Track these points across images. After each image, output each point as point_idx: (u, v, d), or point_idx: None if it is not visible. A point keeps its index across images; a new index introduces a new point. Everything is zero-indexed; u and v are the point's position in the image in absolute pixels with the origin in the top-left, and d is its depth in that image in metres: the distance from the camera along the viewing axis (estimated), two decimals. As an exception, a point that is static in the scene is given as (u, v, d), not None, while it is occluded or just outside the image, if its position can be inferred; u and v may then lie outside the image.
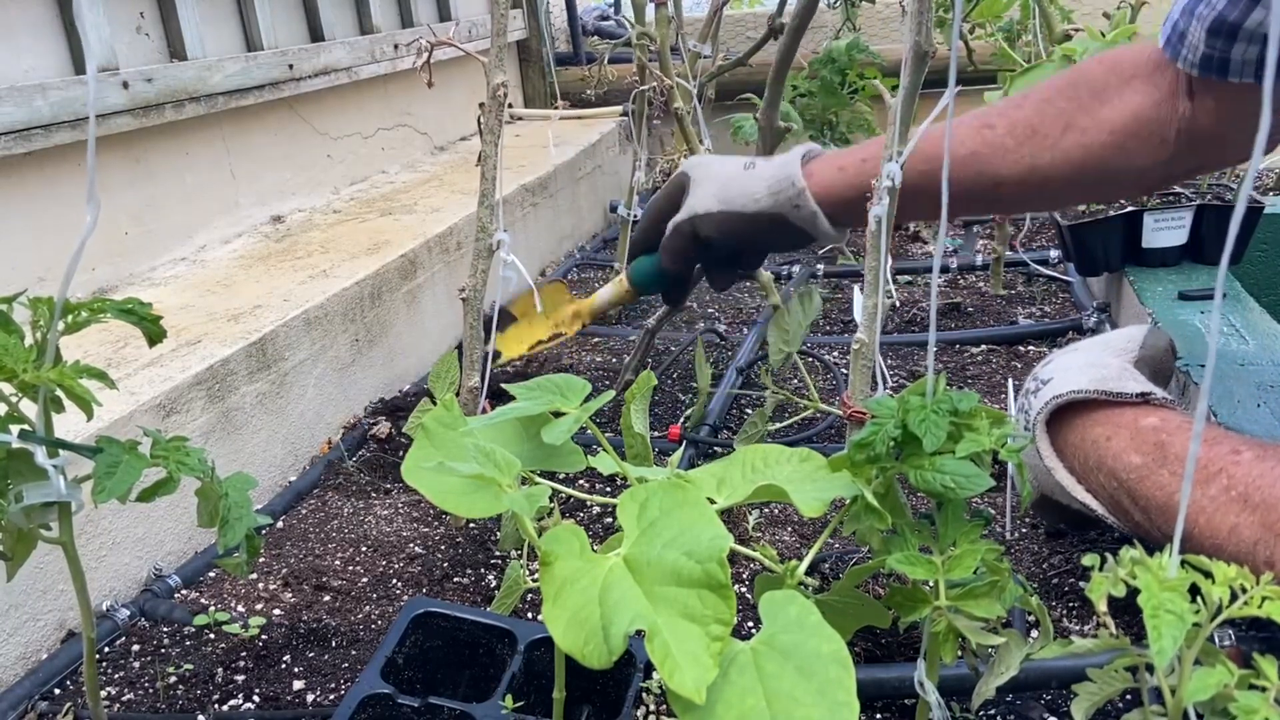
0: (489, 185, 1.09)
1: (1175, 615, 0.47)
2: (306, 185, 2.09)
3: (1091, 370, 0.96)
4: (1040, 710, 0.88)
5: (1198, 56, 0.93)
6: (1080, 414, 0.94)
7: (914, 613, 0.62)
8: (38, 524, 0.66)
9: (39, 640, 1.04)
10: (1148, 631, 0.47)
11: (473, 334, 1.15)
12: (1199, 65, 0.93)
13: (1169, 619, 0.46)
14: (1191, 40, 0.93)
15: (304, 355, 1.45)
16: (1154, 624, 0.47)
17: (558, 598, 0.56)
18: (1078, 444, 0.94)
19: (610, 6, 4.09)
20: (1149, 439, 0.88)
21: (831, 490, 0.65)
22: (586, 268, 2.37)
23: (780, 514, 1.22)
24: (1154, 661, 0.46)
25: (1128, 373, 0.97)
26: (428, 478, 0.69)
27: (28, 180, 1.44)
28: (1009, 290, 1.97)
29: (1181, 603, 0.47)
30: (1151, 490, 0.86)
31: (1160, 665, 0.47)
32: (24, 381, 0.61)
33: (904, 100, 0.77)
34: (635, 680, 0.79)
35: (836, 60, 2.12)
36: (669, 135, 3.16)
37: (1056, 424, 0.96)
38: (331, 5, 2.17)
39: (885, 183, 0.75)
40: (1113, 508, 0.91)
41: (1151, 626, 0.47)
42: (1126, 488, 0.88)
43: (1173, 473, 0.85)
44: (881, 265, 0.79)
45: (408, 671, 0.84)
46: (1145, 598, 0.48)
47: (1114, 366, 0.98)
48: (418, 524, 1.27)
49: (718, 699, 0.53)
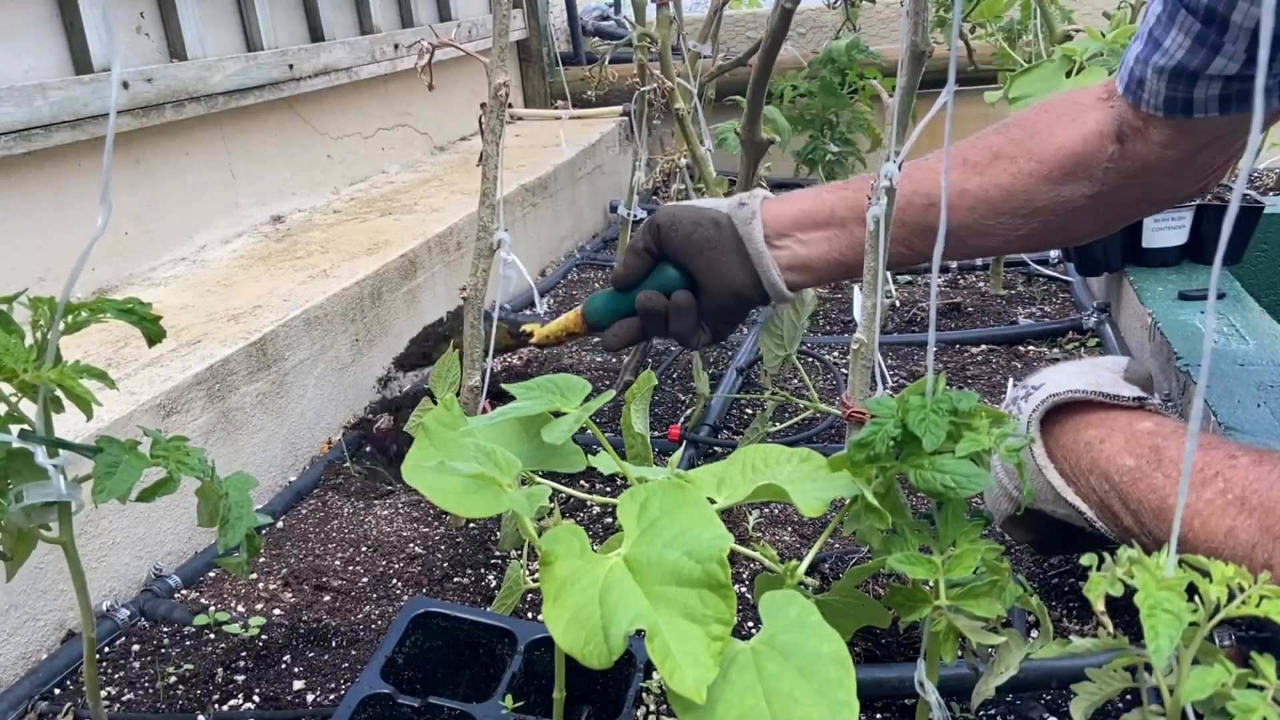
0: (490, 185, 1.09)
1: (1172, 614, 0.46)
2: (306, 185, 2.09)
3: (1085, 375, 0.97)
4: (1040, 710, 0.88)
5: (1160, 100, 0.98)
6: (1074, 416, 0.94)
7: (914, 612, 0.62)
8: (38, 524, 0.66)
9: (39, 640, 1.04)
10: (1145, 631, 0.47)
11: (473, 334, 1.15)
12: (1163, 108, 0.98)
13: (1166, 618, 0.46)
14: (1151, 86, 0.98)
15: (304, 355, 1.45)
16: (1151, 623, 0.47)
17: (558, 598, 0.56)
18: (1070, 445, 0.94)
19: (610, 6, 4.09)
20: (1144, 442, 0.88)
21: (831, 490, 0.65)
22: (586, 268, 2.37)
23: (780, 514, 1.22)
24: (1151, 661, 0.46)
25: (1121, 382, 0.97)
26: (428, 477, 0.69)
27: (28, 180, 1.44)
28: (1009, 290, 1.97)
29: (1179, 602, 0.47)
30: (1144, 493, 0.87)
31: (1158, 665, 0.47)
32: (24, 381, 0.61)
33: (901, 100, 0.77)
34: (635, 680, 0.79)
35: (836, 60, 2.12)
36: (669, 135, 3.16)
37: (1049, 426, 0.96)
38: (331, 5, 2.17)
39: (883, 183, 0.75)
40: (1101, 512, 0.90)
41: (1149, 626, 0.47)
42: (1119, 490, 0.88)
43: (1167, 475, 0.85)
44: (880, 265, 0.79)
45: (408, 671, 0.84)
46: (1142, 597, 0.48)
47: (1107, 376, 0.98)
48: (418, 524, 1.27)
49: (718, 699, 0.53)
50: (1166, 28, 0.96)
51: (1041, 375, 1.01)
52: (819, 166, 2.17)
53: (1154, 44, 0.98)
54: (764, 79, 1.03)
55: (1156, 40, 0.98)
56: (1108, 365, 1.03)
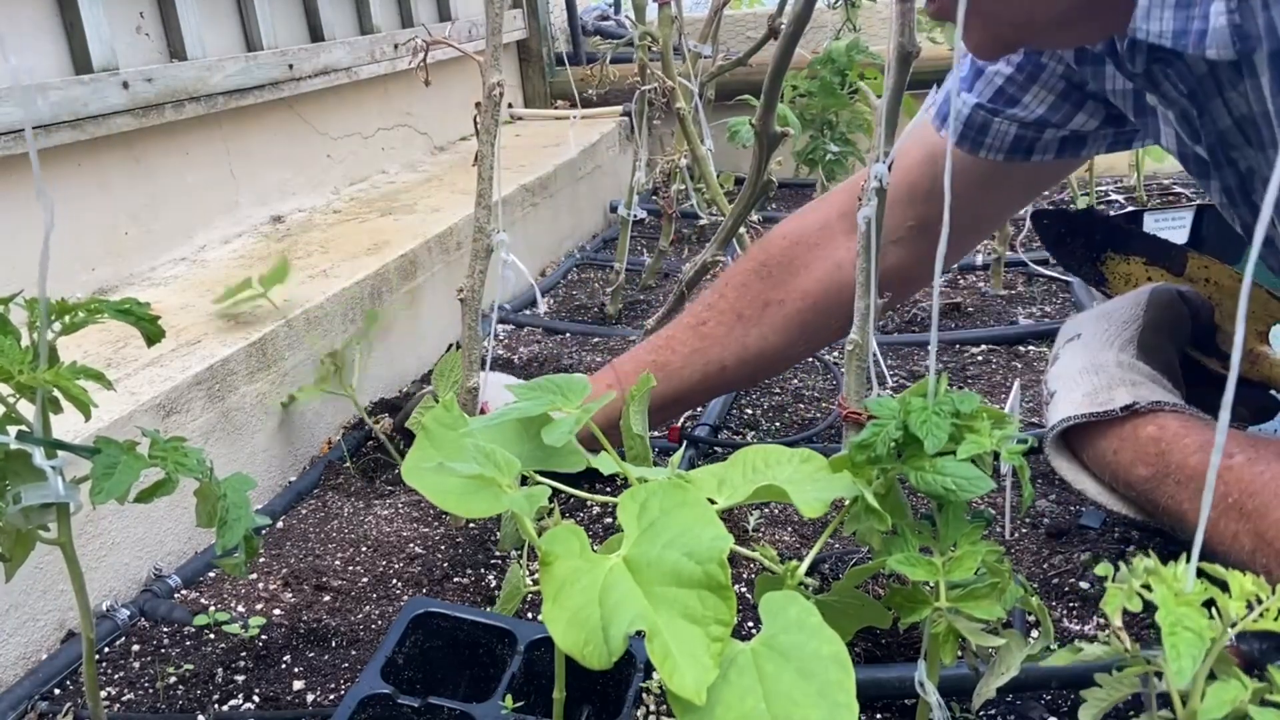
0: (486, 185, 1.08)
1: (1194, 633, 0.45)
2: (306, 185, 2.09)
3: (1085, 381, 0.98)
4: (1040, 710, 0.88)
5: (1006, 143, 1.08)
6: (1086, 430, 0.96)
7: (914, 614, 0.62)
8: (36, 525, 0.66)
9: (39, 640, 1.04)
10: (1165, 649, 0.46)
11: (471, 334, 1.14)
12: (1006, 150, 1.08)
13: (1188, 637, 0.45)
14: (999, 129, 1.07)
15: (304, 355, 1.45)
16: (1172, 641, 0.46)
17: (558, 598, 0.56)
18: (1095, 458, 0.97)
19: (610, 6, 4.09)
20: (1150, 450, 0.90)
21: (832, 491, 0.65)
22: (586, 268, 2.37)
23: (780, 514, 1.22)
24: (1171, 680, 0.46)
25: (1122, 372, 0.97)
26: (428, 478, 0.69)
27: (28, 180, 1.44)
28: (1009, 290, 1.97)
29: (1200, 619, 0.46)
30: (1164, 500, 0.89)
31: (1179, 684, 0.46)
32: (20, 383, 0.61)
33: (889, 101, 0.77)
34: (635, 680, 0.79)
35: (836, 60, 2.12)
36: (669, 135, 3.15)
37: (1074, 441, 0.98)
38: (331, 5, 2.17)
39: (872, 183, 0.75)
40: (1143, 512, 0.94)
41: (1170, 645, 0.46)
42: (1145, 497, 0.90)
43: (1177, 482, 0.87)
44: (872, 267, 0.79)
45: (408, 671, 0.84)
46: (1163, 614, 0.47)
47: (1109, 366, 0.98)
48: (418, 524, 1.27)
49: (717, 700, 0.53)
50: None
51: (1055, 370, 1.03)
52: (819, 166, 2.17)
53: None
54: (783, 68, 1.03)
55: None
56: (1123, 318, 1.05)
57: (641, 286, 2.14)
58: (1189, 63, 0.81)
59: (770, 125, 1.14)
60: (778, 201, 2.76)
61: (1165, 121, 0.92)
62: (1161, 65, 0.84)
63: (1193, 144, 0.90)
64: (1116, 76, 0.95)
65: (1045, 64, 1.02)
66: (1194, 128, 0.87)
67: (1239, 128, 0.83)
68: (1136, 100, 0.95)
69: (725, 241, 1.37)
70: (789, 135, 1.18)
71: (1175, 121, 0.90)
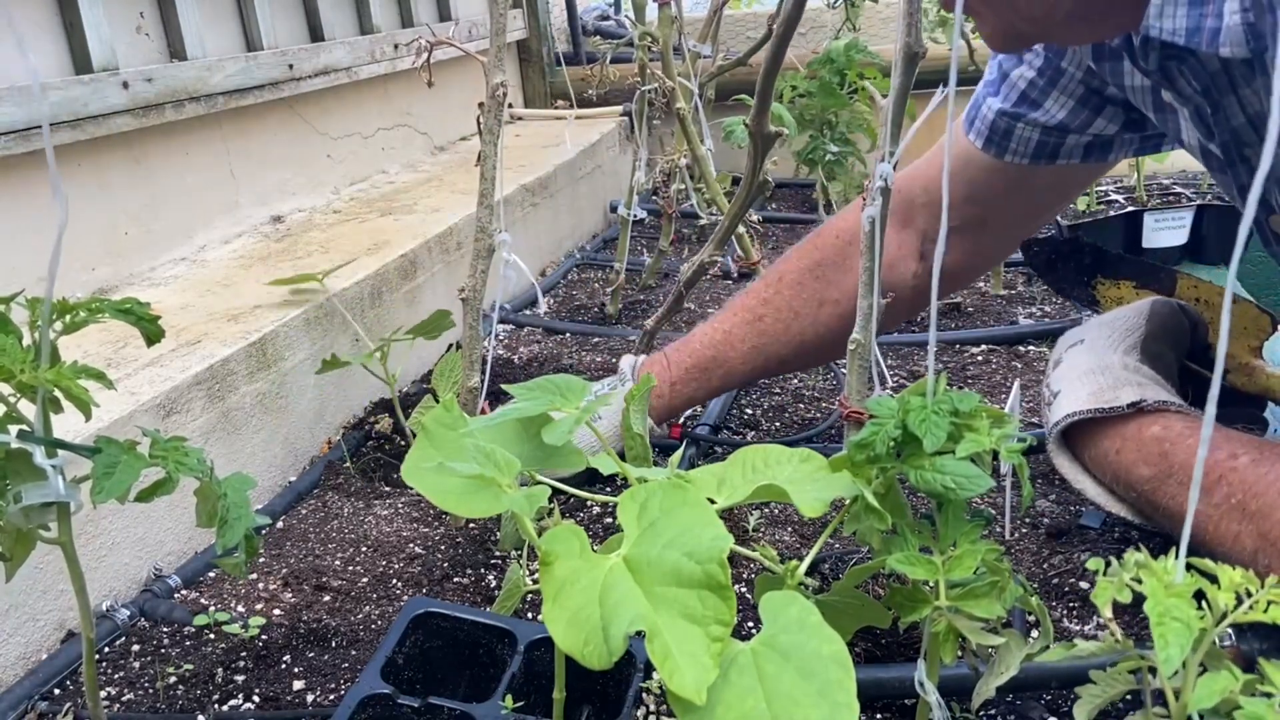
0: (488, 185, 1.09)
1: (1182, 623, 0.46)
2: (306, 185, 2.09)
3: (1091, 380, 0.98)
4: (1040, 710, 0.88)
5: (1030, 148, 1.10)
6: (1089, 428, 0.96)
7: (914, 613, 0.62)
8: (37, 524, 0.66)
9: (39, 640, 1.04)
10: (1154, 639, 0.46)
11: (471, 334, 1.14)
12: (1030, 155, 1.10)
13: (1176, 627, 0.46)
14: (1021, 135, 1.09)
15: (304, 355, 1.45)
16: (1160, 631, 0.46)
17: (558, 598, 0.56)
18: (1096, 458, 0.97)
19: (610, 6, 4.09)
20: (1154, 450, 0.90)
21: (832, 490, 0.65)
22: (586, 268, 2.37)
23: (780, 514, 1.22)
24: (1160, 669, 0.46)
25: (1127, 374, 0.98)
26: (428, 478, 0.69)
27: (29, 180, 1.44)
28: (1009, 290, 1.97)
29: (1188, 610, 0.47)
30: (1165, 501, 0.89)
31: (1167, 673, 0.46)
32: (22, 382, 0.61)
33: (895, 101, 0.77)
34: (635, 680, 0.79)
35: (835, 60, 2.12)
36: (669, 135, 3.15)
37: (1075, 440, 0.98)
38: (331, 5, 2.17)
39: (878, 183, 0.75)
40: (1140, 514, 0.94)
41: (1158, 634, 0.46)
42: (1145, 498, 0.90)
43: (1179, 482, 0.87)
44: (875, 267, 0.79)
45: (408, 671, 0.84)
46: (1151, 605, 0.47)
47: (1114, 367, 0.99)
48: (418, 524, 1.27)
49: (718, 700, 0.53)
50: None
51: (1059, 372, 1.03)
52: (819, 166, 2.17)
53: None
54: (775, 69, 1.03)
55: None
56: (1125, 326, 1.05)
57: (641, 286, 2.14)
58: (1202, 60, 0.81)
59: (764, 125, 1.13)
60: (778, 201, 2.76)
61: (1184, 119, 0.93)
62: (1176, 62, 0.84)
63: (1207, 141, 0.90)
64: (1134, 73, 0.95)
65: (1065, 69, 1.04)
66: (1208, 125, 0.87)
67: (1252, 125, 0.83)
68: (1155, 97, 0.95)
69: (722, 241, 1.38)
70: (784, 135, 1.18)
71: (1190, 118, 0.90)
